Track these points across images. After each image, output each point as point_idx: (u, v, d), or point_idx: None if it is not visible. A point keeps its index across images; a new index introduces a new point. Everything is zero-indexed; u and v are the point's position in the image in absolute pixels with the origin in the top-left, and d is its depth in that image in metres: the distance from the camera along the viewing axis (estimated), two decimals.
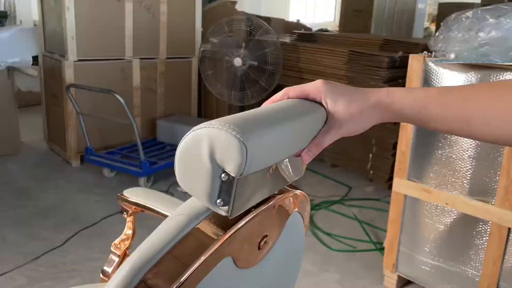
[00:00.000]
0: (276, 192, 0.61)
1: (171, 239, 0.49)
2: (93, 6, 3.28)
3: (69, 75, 3.24)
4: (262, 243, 0.57)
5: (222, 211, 0.50)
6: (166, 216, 0.97)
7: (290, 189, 0.63)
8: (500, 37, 1.62)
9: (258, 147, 0.47)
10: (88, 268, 2.13)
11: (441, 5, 8.74)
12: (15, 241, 2.34)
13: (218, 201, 0.50)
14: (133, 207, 1.07)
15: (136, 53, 3.56)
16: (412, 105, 0.55)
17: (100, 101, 3.32)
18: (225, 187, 0.49)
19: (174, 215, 0.52)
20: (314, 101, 0.58)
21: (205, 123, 0.49)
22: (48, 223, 2.54)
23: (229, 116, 0.50)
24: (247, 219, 0.53)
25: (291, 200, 0.63)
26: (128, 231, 1.11)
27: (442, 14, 7.89)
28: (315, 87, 0.58)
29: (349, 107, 0.56)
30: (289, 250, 0.67)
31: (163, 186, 3.09)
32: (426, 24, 11.00)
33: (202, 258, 0.48)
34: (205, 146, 0.48)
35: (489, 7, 1.70)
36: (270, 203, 0.58)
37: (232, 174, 0.48)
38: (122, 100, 2.82)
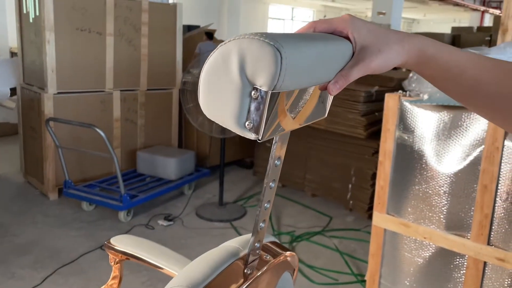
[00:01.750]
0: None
1: None
2: (74, 40, 3.29)
3: (48, 107, 3.21)
4: None
5: (251, 134, 0.45)
6: (154, 266, 0.99)
7: (282, 252, 0.66)
8: None
9: (292, 58, 0.44)
10: None
11: None
12: None
13: (247, 123, 0.45)
14: (120, 255, 1.08)
15: (117, 85, 3.57)
16: (439, 55, 0.55)
17: (79, 133, 3.30)
18: (255, 105, 0.44)
19: (172, 286, 0.54)
20: (340, 36, 0.57)
21: (234, 36, 0.45)
22: (25, 260, 2.47)
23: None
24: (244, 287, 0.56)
25: (282, 262, 0.66)
26: (114, 277, 1.11)
27: None
28: (342, 20, 0.57)
29: (378, 42, 0.55)
30: None
31: (143, 219, 3.07)
32: None
33: None
34: (234, 59, 0.44)
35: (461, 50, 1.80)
36: (264, 269, 0.60)
37: (264, 88, 0.43)
38: (104, 135, 2.81)
